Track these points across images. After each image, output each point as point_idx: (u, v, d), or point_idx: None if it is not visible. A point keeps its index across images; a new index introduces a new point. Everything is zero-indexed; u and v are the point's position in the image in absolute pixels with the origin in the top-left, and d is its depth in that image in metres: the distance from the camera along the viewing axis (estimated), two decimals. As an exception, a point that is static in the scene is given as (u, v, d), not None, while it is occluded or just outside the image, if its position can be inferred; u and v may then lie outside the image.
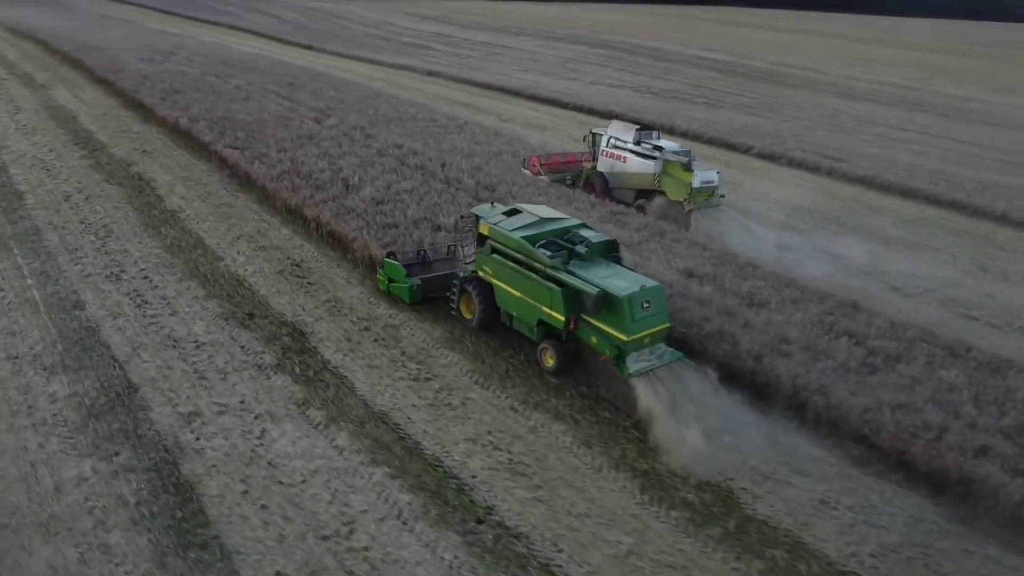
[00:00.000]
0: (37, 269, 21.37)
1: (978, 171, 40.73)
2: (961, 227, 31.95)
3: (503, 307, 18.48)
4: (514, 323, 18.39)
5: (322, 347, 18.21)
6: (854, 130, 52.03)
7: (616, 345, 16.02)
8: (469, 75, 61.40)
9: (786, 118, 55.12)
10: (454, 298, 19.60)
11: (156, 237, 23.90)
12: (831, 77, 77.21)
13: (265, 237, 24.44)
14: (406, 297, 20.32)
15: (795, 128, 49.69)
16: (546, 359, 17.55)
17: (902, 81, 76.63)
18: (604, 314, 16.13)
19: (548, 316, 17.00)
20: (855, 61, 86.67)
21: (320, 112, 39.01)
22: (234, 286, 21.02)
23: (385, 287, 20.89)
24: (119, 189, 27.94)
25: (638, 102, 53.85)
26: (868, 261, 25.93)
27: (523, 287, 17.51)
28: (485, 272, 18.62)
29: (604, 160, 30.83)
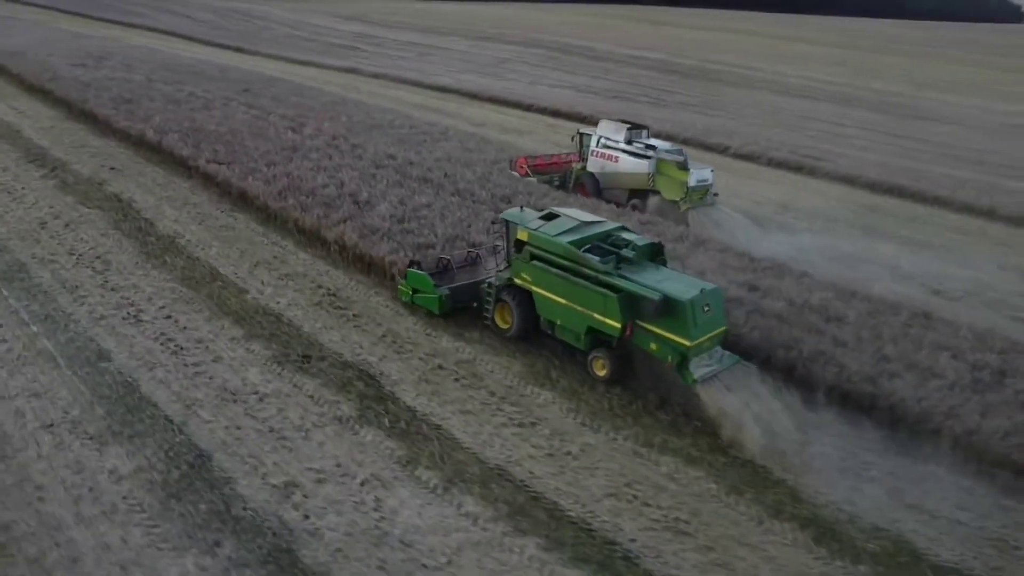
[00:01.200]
0: (39, 313, 18.35)
1: (938, 166, 41.16)
2: (953, 224, 31.91)
3: (544, 315, 17.54)
4: (556, 332, 17.45)
5: (400, 391, 16.05)
6: (797, 126, 52.32)
7: (679, 351, 15.28)
8: (420, 78, 59.05)
9: (731, 116, 55.01)
10: (488, 308, 18.43)
11: (163, 268, 21.06)
12: (763, 74, 78.17)
13: (284, 263, 21.92)
14: (435, 308, 18.98)
15: (743, 125, 49.30)
16: (597, 368, 16.72)
17: (829, 77, 78.16)
18: (664, 319, 15.38)
19: (601, 323, 16.19)
20: (783, 58, 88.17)
21: (292, 120, 36.17)
22: (273, 323, 18.54)
23: (408, 298, 19.46)
24: (100, 213, 24.75)
25: (582, 102, 52.59)
26: (894, 262, 25.29)
27: (570, 294, 16.64)
28: (523, 280, 17.67)
29: (594, 160, 29.92)
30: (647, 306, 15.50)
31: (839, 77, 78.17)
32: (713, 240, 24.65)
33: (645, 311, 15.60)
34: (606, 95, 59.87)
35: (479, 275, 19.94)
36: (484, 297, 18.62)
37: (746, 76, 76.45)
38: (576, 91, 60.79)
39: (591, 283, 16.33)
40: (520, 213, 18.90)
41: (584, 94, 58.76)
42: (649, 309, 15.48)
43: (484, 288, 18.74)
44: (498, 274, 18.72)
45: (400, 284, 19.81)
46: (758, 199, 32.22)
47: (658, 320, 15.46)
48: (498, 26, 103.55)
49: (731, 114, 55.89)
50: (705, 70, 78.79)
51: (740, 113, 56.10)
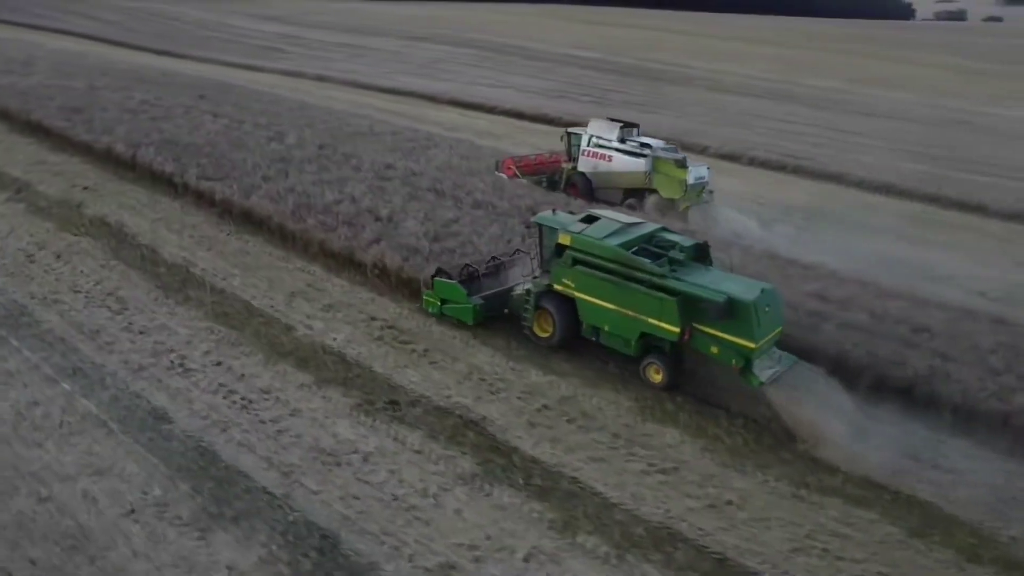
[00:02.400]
0: (64, 366, 15.58)
1: (902, 161, 41.45)
2: (947, 220, 31.82)
3: (589, 322, 16.76)
4: (602, 338, 16.73)
5: (514, 439, 14.18)
6: (745, 124, 52.17)
7: (744, 354, 14.75)
8: (368, 80, 56.43)
9: (679, 114, 54.34)
10: (527, 316, 17.44)
11: (188, 304, 18.45)
12: (701, 72, 78.26)
13: (322, 292, 19.61)
14: (468, 319, 17.96)
15: (692, 124, 48.63)
16: (652, 375, 16.08)
17: (765, 74, 78.92)
18: (727, 321, 14.80)
19: (656, 328, 15.53)
20: (715, 56, 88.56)
21: (265, 128, 33.32)
22: (339, 364, 16.31)
23: (437, 309, 18.33)
24: (91, 241, 21.75)
25: (526, 102, 51.16)
26: (918, 263, 24.72)
27: (620, 299, 15.92)
28: (565, 285, 16.80)
29: (586, 160, 28.83)
30: (710, 309, 14.84)
31: (774, 74, 78.97)
32: (726, 239, 23.44)
33: (708, 314, 14.93)
34: (549, 95, 58.37)
35: (505, 282, 19.07)
36: (522, 305, 17.61)
37: (684, 74, 76.42)
38: (517, 91, 59.09)
39: (645, 287, 15.59)
40: (553, 216, 18.00)
41: (526, 94, 57.12)
42: (712, 312, 14.83)
43: (518, 296, 17.87)
44: (534, 281, 17.66)
45: (426, 295, 18.56)
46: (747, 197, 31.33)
47: (720, 323, 14.85)
48: (426, 25, 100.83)
49: (676, 112, 55.18)
50: (643, 68, 78.39)
51: (684, 111, 55.44)
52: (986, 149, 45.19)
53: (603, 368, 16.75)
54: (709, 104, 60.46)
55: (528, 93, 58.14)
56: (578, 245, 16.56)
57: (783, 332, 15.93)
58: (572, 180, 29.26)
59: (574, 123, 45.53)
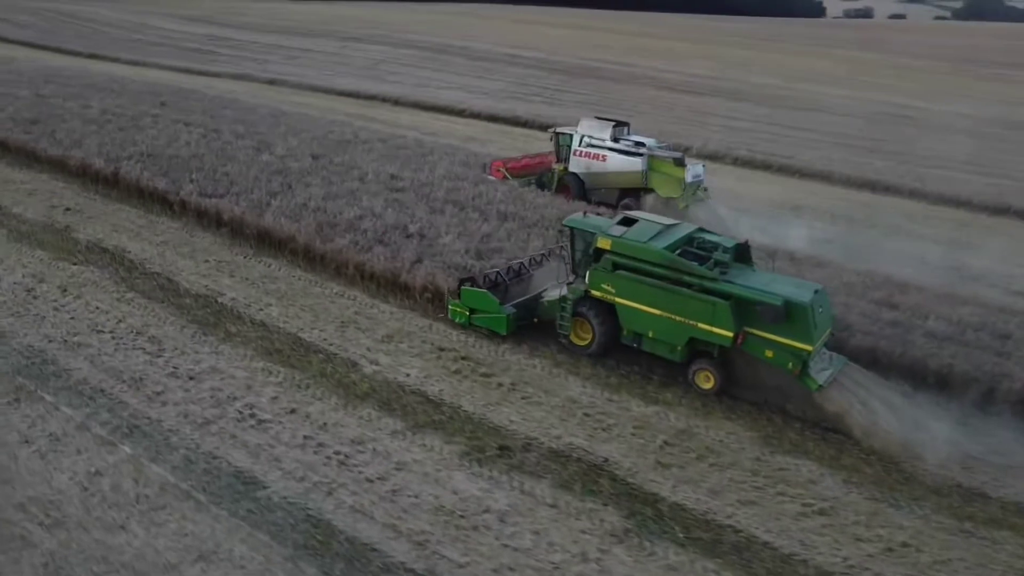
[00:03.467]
0: (116, 424, 13.33)
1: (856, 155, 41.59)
2: (947, 216, 31.84)
3: (631, 328, 16.09)
4: (645, 345, 16.08)
5: (649, 484, 12.74)
6: (697, 121, 51.99)
7: (801, 357, 14.32)
8: (323, 83, 53.90)
9: (631, 113, 53.19)
10: (564, 324, 16.62)
11: (232, 341, 16.30)
12: (642, 70, 78.05)
13: (374, 320, 17.71)
14: (502, 329, 17.01)
15: (647, 123, 47.69)
16: (701, 381, 15.54)
17: (704, 72, 79.29)
18: (782, 324, 14.40)
19: (707, 333, 15.03)
20: (652, 54, 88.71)
21: (246, 137, 30.82)
22: (424, 405, 14.53)
23: (465, 320, 17.34)
24: (96, 270, 19.23)
25: (478, 103, 49.67)
26: (943, 261, 24.35)
27: (667, 304, 15.35)
28: (605, 291, 16.10)
29: (577, 160, 27.90)
30: (767, 312, 14.42)
31: (713, 72, 79.39)
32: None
33: (763, 317, 14.51)
34: (499, 96, 57.00)
35: (530, 288, 18.20)
36: (556, 312, 16.82)
37: (627, 73, 76.03)
38: (466, 92, 57.45)
39: (694, 291, 15.06)
40: (584, 219, 17.39)
41: (475, 95, 55.52)
42: (769, 315, 14.43)
43: (549, 302, 17.09)
44: (569, 287, 16.74)
45: (452, 305, 17.53)
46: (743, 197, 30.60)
47: (775, 325, 14.44)
48: (359, 26, 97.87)
49: (628, 111, 54.20)
50: (588, 68, 77.69)
51: (636, 110, 54.65)
52: (937, 144, 45.63)
53: (703, 395, 15.45)
54: (659, 102, 60.11)
55: (476, 94, 56.58)
56: (620, 249, 15.83)
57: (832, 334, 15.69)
58: (563, 181, 28.24)
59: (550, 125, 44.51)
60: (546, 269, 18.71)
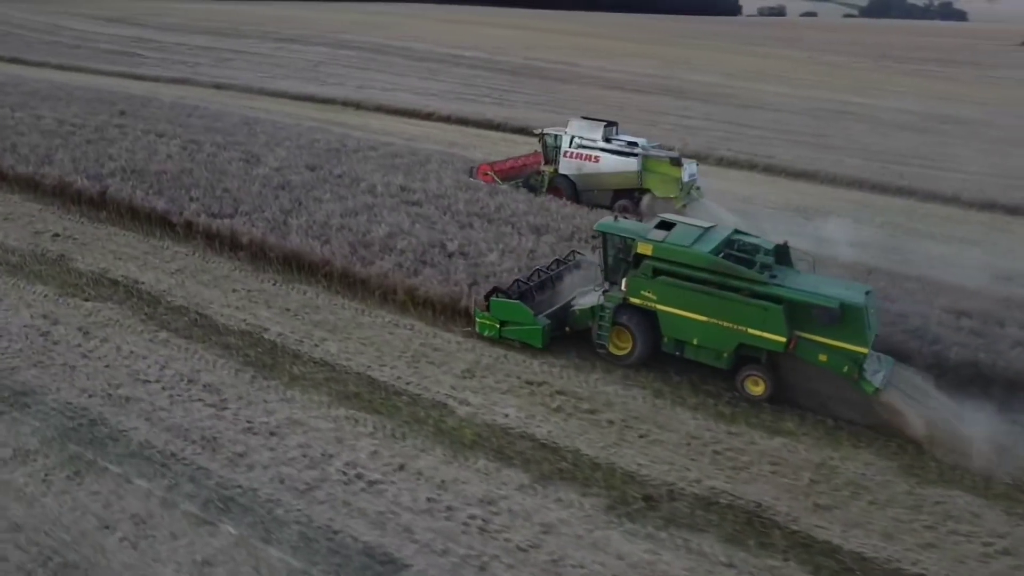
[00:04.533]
0: (206, 498, 11.29)
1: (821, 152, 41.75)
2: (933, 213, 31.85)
3: (673, 336, 15.45)
4: (688, 352, 15.45)
5: (817, 531, 11.58)
6: (649, 121, 51.41)
7: (857, 360, 13.94)
8: (274, 86, 51.22)
9: (584, 113, 52.64)
10: (603, 334, 15.83)
11: (300, 386, 14.38)
12: (587, 70, 77.40)
13: (443, 352, 16.04)
14: (537, 341, 16.09)
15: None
16: (750, 387, 14.95)
17: (647, 70, 79.25)
18: (836, 327, 14.00)
19: (757, 339, 14.49)
20: (595, 54, 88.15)
21: (229, 148, 28.40)
22: (541, 452, 13.02)
23: (495, 333, 16.33)
24: (114, 307, 16.88)
25: (431, 104, 47.88)
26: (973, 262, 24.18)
27: (714, 310, 14.77)
28: (645, 298, 15.40)
29: (568, 162, 27.11)
30: (822, 315, 14.00)
31: (655, 70, 79.40)
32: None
33: (817, 320, 14.07)
34: (447, 96, 55.30)
35: (557, 297, 17.36)
36: (591, 322, 16.05)
37: (572, 72, 75.21)
38: (413, 93, 55.47)
39: (744, 295, 14.52)
40: (616, 223, 16.69)
41: (424, 96, 53.64)
42: (824, 318, 14.01)
43: (581, 311, 16.26)
44: (606, 295, 15.97)
45: (480, 317, 16.46)
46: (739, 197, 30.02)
47: (829, 329, 14.01)
48: (288, 26, 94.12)
49: (578, 111, 53.05)
50: (531, 67, 76.60)
51: (587, 110, 53.46)
52: (889, 140, 46.26)
53: (814, 418, 14.44)
54: (608, 102, 59.16)
55: (424, 95, 54.64)
56: (662, 254, 15.17)
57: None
58: (554, 183, 27.25)
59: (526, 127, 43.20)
60: (572, 276, 17.91)
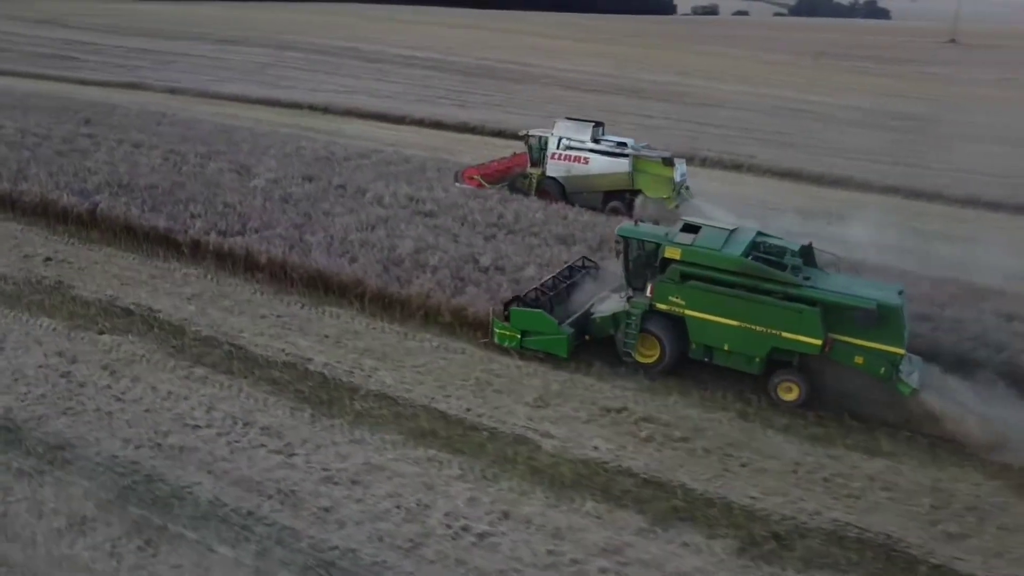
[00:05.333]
0: (301, 564, 9.87)
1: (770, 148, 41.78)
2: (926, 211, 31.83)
3: (702, 342, 15.04)
4: (718, 358, 15.08)
5: (955, 562, 10.86)
6: (611, 120, 50.17)
7: (894, 361, 13.76)
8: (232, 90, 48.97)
9: (544, 114, 51.77)
10: (630, 342, 15.24)
11: (366, 424, 13.03)
12: (542, 70, 76.60)
13: (507, 379, 14.88)
14: (562, 351, 15.32)
15: None
16: (783, 392, 14.55)
17: (601, 70, 78.84)
18: (872, 328, 13.79)
19: (792, 342, 14.19)
20: (547, 54, 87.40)
21: (212, 158, 26.57)
22: (646, 488, 12.00)
23: (516, 344, 15.50)
24: (136, 340, 15.17)
25: (387, 106, 46.55)
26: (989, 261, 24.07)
27: (746, 314, 14.41)
28: (673, 304, 14.95)
29: (556, 164, 26.34)
30: (861, 317, 13.78)
31: (609, 69, 79.04)
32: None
33: (855, 322, 13.83)
34: (405, 98, 53.88)
35: (573, 305, 16.64)
36: (613, 329, 15.55)
37: (526, 72, 74.33)
38: (369, 96, 53.82)
39: (778, 298, 14.23)
40: (638, 228, 16.25)
41: (380, 98, 52.08)
42: (862, 320, 13.79)
43: (602, 319, 15.71)
44: (631, 301, 15.42)
45: (500, 328, 15.61)
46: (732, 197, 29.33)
47: (865, 330, 13.79)
48: (232, 27, 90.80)
49: (541, 112, 52.54)
50: (485, 68, 75.50)
51: (546, 110, 52.76)
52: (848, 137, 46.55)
53: (905, 435, 13.78)
54: (567, 102, 58.22)
55: (381, 97, 53.18)
56: (691, 259, 14.77)
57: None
58: (542, 186, 26.44)
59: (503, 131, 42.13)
60: (585, 282, 17.31)
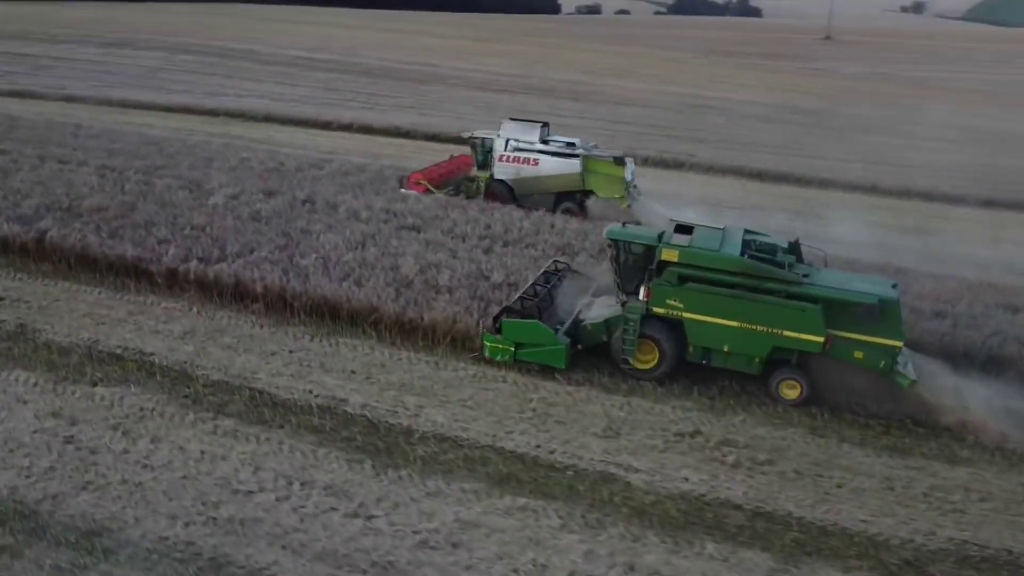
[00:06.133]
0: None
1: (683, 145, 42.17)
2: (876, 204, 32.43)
3: (701, 344, 14.74)
4: (717, 360, 14.81)
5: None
6: (531, 121, 50.45)
7: (893, 355, 13.88)
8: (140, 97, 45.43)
9: (457, 115, 50.57)
10: (628, 348, 14.69)
11: (438, 472, 11.59)
12: (447, 71, 75.30)
13: (569, 410, 13.72)
14: (561, 362, 14.74)
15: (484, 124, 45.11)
16: (784, 391, 14.46)
17: (506, 69, 78.21)
18: (870, 323, 13.93)
19: (794, 341, 14.11)
20: (449, 54, 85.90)
21: (157, 175, 24.03)
22: (757, 520, 11.19)
23: (509, 357, 14.80)
24: (138, 391, 13.05)
25: (293, 111, 44.55)
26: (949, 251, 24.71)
27: (747, 314, 14.24)
28: (672, 307, 14.60)
29: (504, 166, 25.44)
30: (862, 312, 13.87)
31: (514, 69, 78.39)
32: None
33: (856, 317, 13.91)
34: (311, 102, 51.57)
35: (560, 312, 16.02)
36: (621, 336, 14.81)
37: (432, 73, 72.66)
38: (272, 100, 51.30)
39: (779, 297, 14.13)
40: (626, 230, 15.71)
41: (287, 102, 49.77)
42: (864, 315, 13.89)
43: (591, 327, 15.24)
44: (627, 306, 14.90)
45: (491, 342, 14.89)
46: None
47: (865, 325, 13.89)
48: (116, 30, 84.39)
49: (453, 113, 51.46)
50: (389, 69, 73.31)
51: (458, 111, 51.79)
52: (757, 133, 47.93)
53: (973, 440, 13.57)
54: (479, 102, 57.62)
55: (287, 102, 50.85)
56: (690, 260, 14.47)
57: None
58: (491, 189, 25.58)
59: (437, 135, 40.65)
60: (562, 288, 16.68)
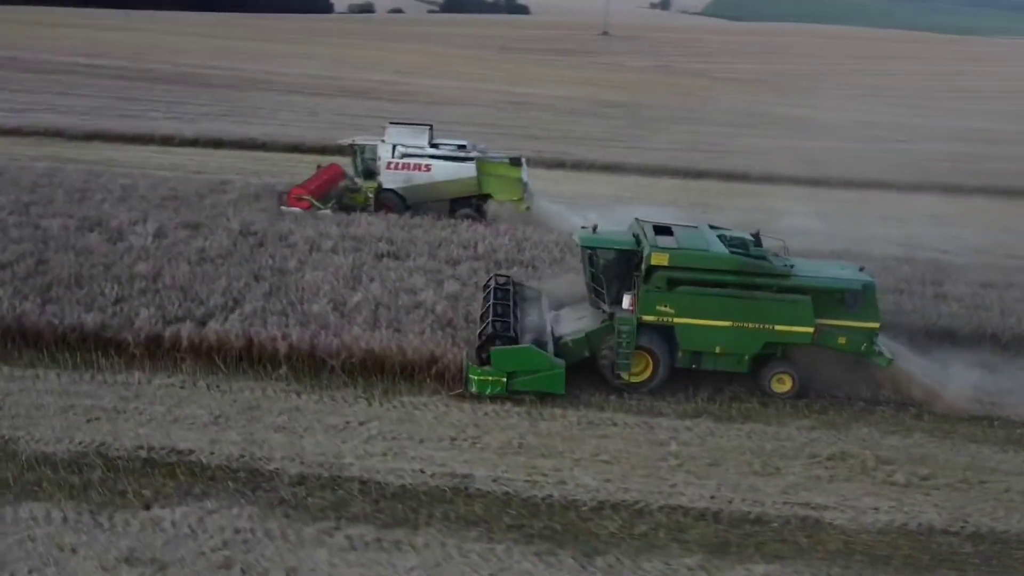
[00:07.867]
0: None
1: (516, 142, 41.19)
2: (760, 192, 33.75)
3: (693, 348, 14.49)
4: (706, 363, 14.65)
5: None
6: (356, 125, 47.62)
7: (872, 337, 14.43)
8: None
9: (281, 122, 47.41)
10: (623, 362, 14.10)
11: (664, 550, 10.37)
12: (253, 74, 69.90)
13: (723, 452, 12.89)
14: (559, 388, 13.90)
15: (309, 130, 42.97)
16: (776, 385, 14.60)
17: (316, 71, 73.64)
18: (853, 308, 14.47)
19: (786, 334, 14.22)
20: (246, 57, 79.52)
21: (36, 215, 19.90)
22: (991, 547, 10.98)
23: (502, 389, 13.76)
24: (225, 510, 10.55)
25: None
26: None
27: (739, 312, 14.19)
28: (663, 312, 14.24)
29: (393, 174, 23.96)
30: (849, 298, 14.31)
31: (322, 71, 73.91)
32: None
33: (842, 305, 14.31)
34: (105, 114, 44.36)
35: (531, 331, 15.08)
36: (616, 349, 14.06)
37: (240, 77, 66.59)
38: (58, 113, 42.87)
39: (771, 292, 14.24)
40: (599, 236, 15.01)
41: (77, 115, 42.50)
42: (850, 301, 14.31)
43: (572, 343, 14.53)
44: (619, 317, 14.19)
45: (478, 375, 13.76)
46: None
47: (847, 312, 14.35)
48: None
49: (277, 119, 47.91)
50: (188, 75, 66.15)
51: (280, 117, 48.40)
52: (577, 126, 49.17)
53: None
54: (298, 108, 53.78)
55: (78, 115, 43.15)
56: (680, 263, 14.11)
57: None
58: (380, 199, 24.02)
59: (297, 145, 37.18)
60: (534, 305, 16.16)
